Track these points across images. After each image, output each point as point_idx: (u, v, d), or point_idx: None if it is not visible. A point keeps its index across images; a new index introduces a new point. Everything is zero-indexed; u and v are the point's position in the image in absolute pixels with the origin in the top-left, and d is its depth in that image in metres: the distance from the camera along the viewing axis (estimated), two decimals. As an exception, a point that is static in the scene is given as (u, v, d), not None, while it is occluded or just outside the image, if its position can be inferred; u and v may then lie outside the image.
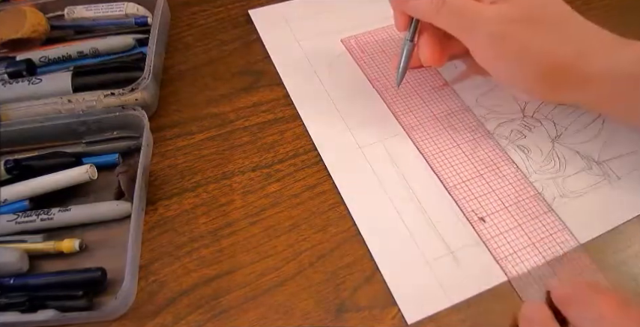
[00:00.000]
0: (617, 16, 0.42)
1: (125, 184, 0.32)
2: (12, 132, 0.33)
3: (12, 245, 0.29)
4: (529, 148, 0.34)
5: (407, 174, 0.33)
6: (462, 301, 0.28)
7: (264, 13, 0.43)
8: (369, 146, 0.34)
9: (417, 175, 0.33)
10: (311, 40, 0.41)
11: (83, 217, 0.31)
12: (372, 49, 0.40)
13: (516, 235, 0.30)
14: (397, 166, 0.33)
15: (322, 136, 0.35)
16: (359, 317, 0.28)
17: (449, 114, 0.36)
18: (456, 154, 0.33)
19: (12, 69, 0.36)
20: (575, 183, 0.32)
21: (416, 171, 0.33)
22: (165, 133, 0.36)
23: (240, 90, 0.38)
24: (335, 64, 0.39)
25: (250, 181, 0.33)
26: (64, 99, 0.33)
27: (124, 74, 0.35)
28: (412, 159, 0.33)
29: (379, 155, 0.34)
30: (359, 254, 0.30)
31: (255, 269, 0.29)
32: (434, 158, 0.33)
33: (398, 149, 0.34)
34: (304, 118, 0.36)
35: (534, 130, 0.34)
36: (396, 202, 0.31)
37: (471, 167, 0.33)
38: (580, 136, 0.34)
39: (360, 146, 0.34)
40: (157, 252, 0.30)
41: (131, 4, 0.40)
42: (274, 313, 0.28)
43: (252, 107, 0.37)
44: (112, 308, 0.27)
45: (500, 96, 0.36)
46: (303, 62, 0.39)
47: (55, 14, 0.40)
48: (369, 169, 0.33)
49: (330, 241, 0.30)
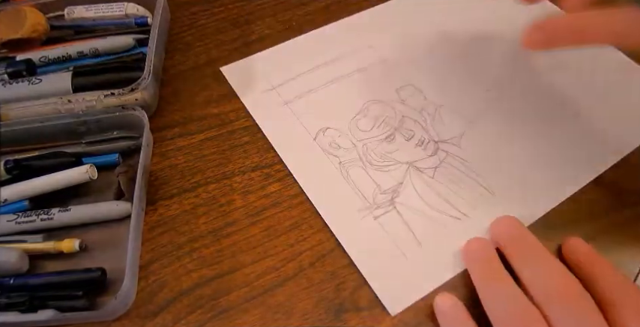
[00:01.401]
0: None
1: (125, 184, 0.32)
2: (12, 132, 0.33)
3: (12, 245, 0.29)
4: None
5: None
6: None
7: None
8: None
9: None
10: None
11: (83, 217, 0.31)
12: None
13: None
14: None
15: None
16: (359, 317, 0.28)
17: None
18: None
19: (12, 69, 0.36)
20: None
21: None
22: (165, 133, 0.36)
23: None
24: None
25: (250, 181, 0.33)
26: (64, 99, 0.33)
27: (124, 74, 0.35)
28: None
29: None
30: (359, 254, 0.30)
31: (255, 269, 0.29)
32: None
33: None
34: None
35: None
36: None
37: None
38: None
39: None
40: (157, 252, 0.30)
41: (131, 4, 0.40)
42: (274, 313, 0.28)
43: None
44: (112, 308, 0.27)
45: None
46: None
47: (55, 14, 0.40)
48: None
49: (330, 241, 0.30)
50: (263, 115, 0.36)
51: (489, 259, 0.27)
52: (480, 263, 0.28)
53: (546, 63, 0.38)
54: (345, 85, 0.37)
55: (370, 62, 0.39)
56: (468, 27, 0.41)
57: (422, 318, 0.28)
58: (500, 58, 0.39)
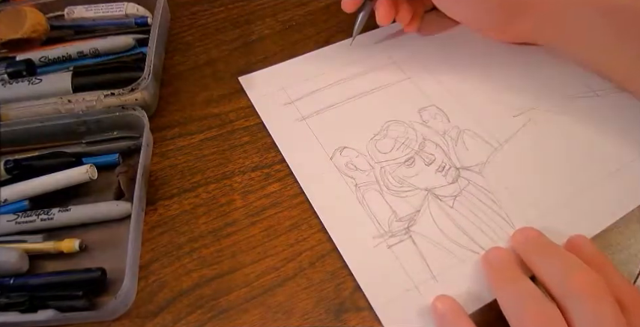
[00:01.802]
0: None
1: (125, 184, 0.32)
2: (12, 132, 0.33)
3: (12, 245, 0.29)
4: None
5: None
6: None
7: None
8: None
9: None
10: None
11: (83, 217, 0.31)
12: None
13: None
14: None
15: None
16: (359, 317, 0.28)
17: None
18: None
19: (12, 69, 0.36)
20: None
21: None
22: (165, 133, 0.36)
23: (240, 90, 0.38)
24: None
25: (250, 181, 0.33)
26: (64, 99, 0.33)
27: (124, 74, 0.35)
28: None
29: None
30: (359, 254, 0.30)
31: (255, 269, 0.29)
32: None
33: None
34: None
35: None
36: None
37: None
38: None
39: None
40: (157, 252, 0.30)
41: (131, 4, 0.40)
42: (274, 313, 0.28)
43: (252, 107, 0.37)
44: (112, 308, 0.27)
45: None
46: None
47: (55, 14, 0.40)
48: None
49: (330, 242, 0.30)
50: (280, 130, 0.35)
51: (508, 263, 0.27)
52: (497, 267, 0.27)
53: (577, 90, 0.36)
54: (366, 102, 0.36)
55: (393, 79, 0.37)
56: (499, 49, 0.38)
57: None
58: (530, 82, 0.36)
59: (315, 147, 0.34)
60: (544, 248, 0.27)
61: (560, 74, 0.36)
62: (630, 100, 0.34)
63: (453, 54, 0.38)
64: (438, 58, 0.38)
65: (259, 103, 0.37)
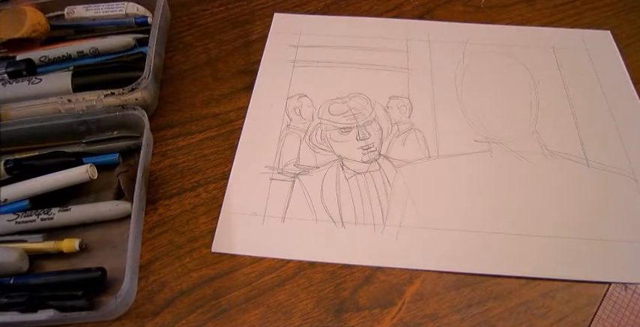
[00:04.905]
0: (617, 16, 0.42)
1: (125, 184, 0.32)
2: (12, 132, 0.33)
3: (12, 245, 0.29)
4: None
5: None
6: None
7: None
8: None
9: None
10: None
11: (83, 217, 0.31)
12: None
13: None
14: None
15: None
16: (359, 317, 0.28)
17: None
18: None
19: (12, 69, 0.36)
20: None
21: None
22: (165, 133, 0.36)
23: (240, 90, 0.38)
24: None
25: (250, 181, 0.33)
26: (64, 99, 0.33)
27: (124, 74, 0.35)
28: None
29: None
30: (359, 254, 0.30)
31: (255, 269, 0.29)
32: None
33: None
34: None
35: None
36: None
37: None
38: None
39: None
40: (157, 252, 0.30)
41: (131, 4, 0.40)
42: (274, 313, 0.28)
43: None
44: (112, 308, 0.27)
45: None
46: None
47: (55, 14, 0.40)
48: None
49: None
50: (269, 64, 0.38)
51: None
52: None
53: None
54: (355, 72, 0.38)
55: (393, 65, 0.39)
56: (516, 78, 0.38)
57: (422, 318, 0.28)
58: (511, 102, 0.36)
59: (283, 86, 0.37)
60: None
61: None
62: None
63: (471, 67, 0.38)
64: (451, 64, 0.39)
65: (272, 37, 0.41)
